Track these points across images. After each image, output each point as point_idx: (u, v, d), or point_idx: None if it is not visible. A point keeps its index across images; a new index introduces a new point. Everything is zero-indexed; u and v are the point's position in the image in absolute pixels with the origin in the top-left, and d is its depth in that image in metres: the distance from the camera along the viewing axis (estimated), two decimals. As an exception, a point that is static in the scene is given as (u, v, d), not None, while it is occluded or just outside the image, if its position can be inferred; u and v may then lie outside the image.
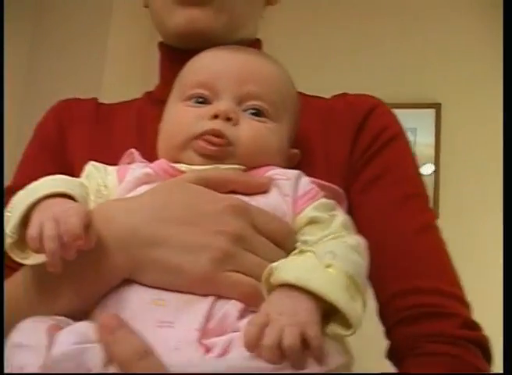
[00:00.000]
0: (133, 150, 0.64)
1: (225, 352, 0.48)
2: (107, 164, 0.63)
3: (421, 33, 2.22)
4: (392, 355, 0.64)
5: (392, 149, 0.70)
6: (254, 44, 0.77)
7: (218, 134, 0.59)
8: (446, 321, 0.61)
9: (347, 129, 0.70)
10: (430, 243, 0.67)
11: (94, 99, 0.80)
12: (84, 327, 0.48)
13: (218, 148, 0.59)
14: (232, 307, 0.51)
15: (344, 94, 0.76)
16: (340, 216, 0.59)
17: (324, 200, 0.59)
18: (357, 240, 0.56)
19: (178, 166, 0.60)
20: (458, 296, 0.64)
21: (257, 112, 0.62)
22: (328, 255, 0.52)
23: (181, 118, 0.62)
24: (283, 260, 0.53)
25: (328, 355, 0.48)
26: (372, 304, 0.63)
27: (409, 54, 2.21)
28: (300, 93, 0.71)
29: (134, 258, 0.53)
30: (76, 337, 0.46)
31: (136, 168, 0.61)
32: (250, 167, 0.61)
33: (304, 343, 0.46)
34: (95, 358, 0.45)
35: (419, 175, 0.72)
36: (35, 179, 0.60)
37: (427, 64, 2.19)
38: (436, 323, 0.61)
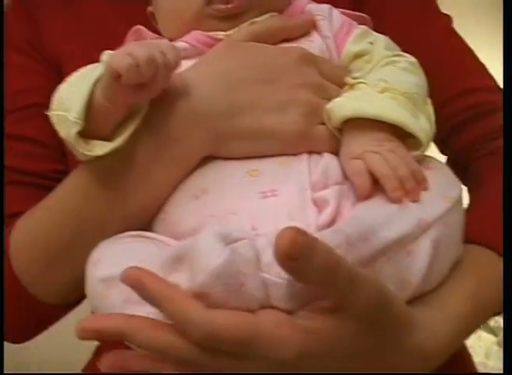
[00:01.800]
0: (139, 26, 0.58)
1: (339, 208, 0.45)
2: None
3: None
4: (455, 164, 0.64)
5: None
6: None
7: None
8: (497, 115, 0.62)
9: None
10: (457, 45, 0.67)
11: None
12: (219, 230, 0.40)
13: (237, 3, 0.52)
14: (329, 159, 0.49)
15: None
16: (380, 40, 0.56)
17: (358, 30, 0.56)
18: (406, 60, 0.54)
19: (213, 34, 0.54)
20: (498, 88, 0.66)
21: None
22: (380, 82, 0.50)
23: None
24: (335, 99, 0.50)
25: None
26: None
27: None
28: None
29: (217, 130, 0.48)
30: (221, 242, 0.39)
31: None
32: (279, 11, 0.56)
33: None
34: (249, 254, 0.39)
35: None
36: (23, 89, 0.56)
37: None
38: (489, 119, 0.62)
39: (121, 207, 0.49)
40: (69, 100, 0.46)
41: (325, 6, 0.57)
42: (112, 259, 0.46)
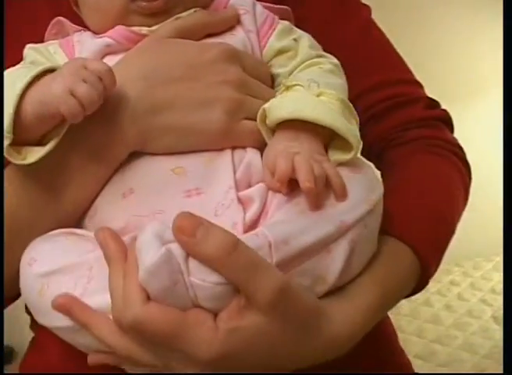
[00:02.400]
0: (60, 18, 0.57)
1: (264, 206, 0.47)
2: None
3: None
4: (370, 152, 0.67)
5: None
6: None
7: None
8: (412, 107, 0.66)
9: None
10: (376, 38, 0.69)
11: None
12: (158, 228, 0.43)
13: (160, 0, 0.53)
14: (253, 155, 0.50)
15: None
16: (304, 38, 0.57)
17: (281, 25, 0.57)
18: (330, 61, 0.56)
19: (137, 29, 0.54)
20: (414, 80, 0.69)
21: None
22: (311, 83, 0.51)
23: None
24: (273, 100, 0.51)
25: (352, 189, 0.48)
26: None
27: None
28: None
29: (143, 128, 0.49)
30: (159, 241, 0.42)
31: (86, 40, 0.55)
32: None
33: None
34: (179, 257, 0.42)
35: None
36: None
37: None
38: (405, 110, 0.65)
39: (54, 206, 0.51)
40: None
41: (249, 0, 0.58)
42: (48, 256, 0.49)
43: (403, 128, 0.65)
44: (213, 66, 0.51)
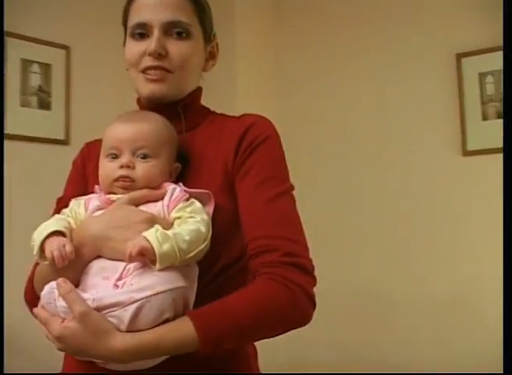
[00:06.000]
0: (96, 186, 1.12)
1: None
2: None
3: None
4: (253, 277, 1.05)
5: (261, 148, 1.11)
6: (195, 92, 1.22)
7: (124, 177, 1.07)
8: (271, 254, 1.02)
9: (234, 139, 1.12)
10: (275, 207, 1.07)
11: None
12: (53, 284, 0.97)
13: (127, 184, 1.07)
14: (131, 265, 0.96)
15: (243, 115, 1.17)
16: (190, 208, 1.04)
17: (181, 204, 1.04)
18: (195, 221, 1.02)
19: (111, 196, 1.09)
20: (285, 237, 1.04)
21: (144, 156, 1.09)
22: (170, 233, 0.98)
23: (105, 170, 1.10)
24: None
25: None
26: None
27: None
28: (216, 114, 1.24)
29: (98, 246, 1.01)
30: (48, 289, 0.98)
31: (93, 200, 1.10)
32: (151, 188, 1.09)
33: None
34: (54, 295, 0.95)
35: (279, 163, 1.13)
36: (73, 194, 1.15)
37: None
38: (265, 256, 1.04)
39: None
40: (36, 241, 1.02)
41: (173, 186, 1.08)
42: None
43: (261, 266, 1.03)
44: (138, 224, 1.01)
